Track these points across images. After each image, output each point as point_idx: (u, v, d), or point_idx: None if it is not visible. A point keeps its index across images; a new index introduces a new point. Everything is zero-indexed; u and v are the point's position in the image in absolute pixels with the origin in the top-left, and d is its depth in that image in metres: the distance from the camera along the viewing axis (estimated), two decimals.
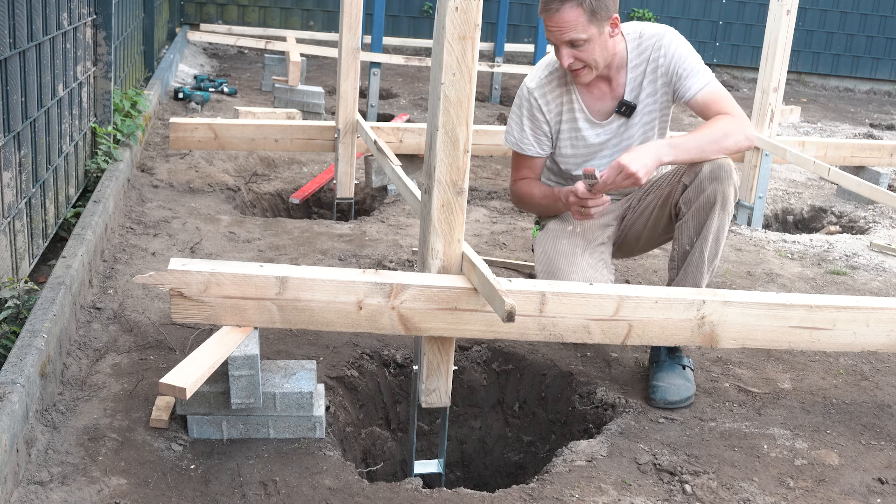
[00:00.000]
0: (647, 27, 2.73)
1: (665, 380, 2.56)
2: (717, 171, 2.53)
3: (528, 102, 2.78)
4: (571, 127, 2.79)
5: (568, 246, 2.71)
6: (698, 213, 2.56)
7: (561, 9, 2.51)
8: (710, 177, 2.53)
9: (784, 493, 2.19)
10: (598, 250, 2.76)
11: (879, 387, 2.78)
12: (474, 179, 4.87)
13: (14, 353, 2.09)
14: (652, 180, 2.81)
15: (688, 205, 2.58)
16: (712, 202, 2.53)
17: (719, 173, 2.53)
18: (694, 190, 2.56)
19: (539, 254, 2.79)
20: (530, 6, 9.44)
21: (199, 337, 2.64)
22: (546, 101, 2.77)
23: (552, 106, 2.77)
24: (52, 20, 2.96)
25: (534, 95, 2.77)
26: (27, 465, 1.97)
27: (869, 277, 3.78)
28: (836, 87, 10.26)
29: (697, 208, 2.56)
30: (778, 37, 4.28)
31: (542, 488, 2.14)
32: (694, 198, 2.56)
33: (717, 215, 2.55)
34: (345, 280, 2.12)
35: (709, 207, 2.54)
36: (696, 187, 2.56)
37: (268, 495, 2.00)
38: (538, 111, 2.77)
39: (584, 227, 2.77)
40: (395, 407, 2.76)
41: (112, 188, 3.44)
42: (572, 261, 2.66)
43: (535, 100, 2.77)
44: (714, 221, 2.55)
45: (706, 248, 2.58)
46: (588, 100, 2.77)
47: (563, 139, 2.81)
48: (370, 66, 6.27)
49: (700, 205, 2.55)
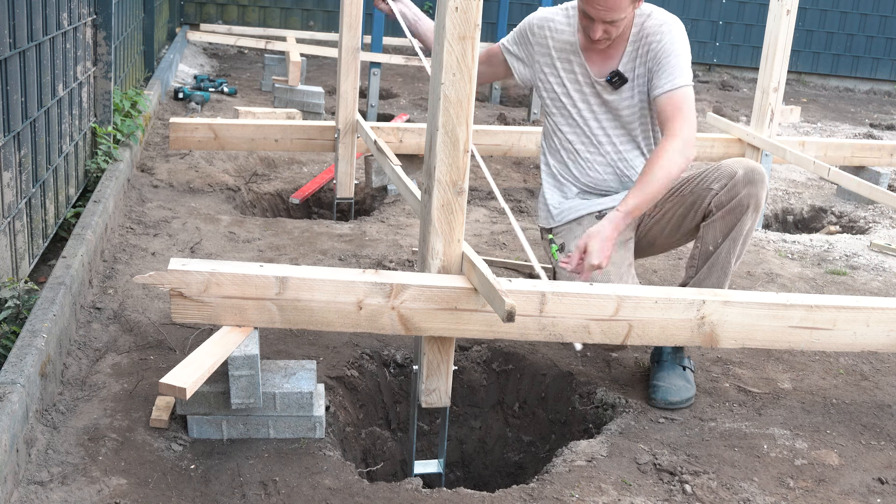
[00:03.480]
0: (657, 11, 2.74)
1: (666, 380, 2.56)
2: (752, 175, 2.53)
3: (529, 20, 2.88)
4: (570, 69, 2.82)
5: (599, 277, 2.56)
6: (729, 215, 2.56)
7: None
8: (745, 180, 2.53)
9: (784, 493, 2.19)
10: (629, 273, 2.65)
11: (879, 387, 2.78)
12: (474, 179, 4.87)
13: (14, 353, 2.09)
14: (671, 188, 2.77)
15: (719, 206, 2.57)
16: (745, 206, 2.53)
17: (753, 177, 2.53)
18: (727, 193, 2.55)
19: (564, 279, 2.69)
20: (530, 6, 9.44)
21: (199, 337, 2.64)
22: (543, 29, 2.83)
23: (550, 41, 2.82)
24: (52, 20, 2.96)
25: (535, 17, 2.87)
26: (27, 465, 1.97)
27: (869, 277, 3.78)
28: (836, 87, 10.26)
29: (728, 210, 2.55)
30: (778, 37, 4.28)
31: (542, 488, 2.14)
32: (726, 201, 2.55)
33: (749, 218, 2.55)
34: (345, 280, 2.12)
35: (741, 211, 2.54)
36: (729, 190, 2.55)
37: (268, 495, 2.00)
38: (529, 31, 2.86)
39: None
40: (395, 407, 2.76)
41: (112, 188, 3.44)
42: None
43: (533, 20, 2.86)
44: (746, 224, 2.55)
45: (734, 249, 2.58)
46: (587, 56, 2.80)
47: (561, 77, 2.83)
48: (370, 66, 6.27)
49: (731, 207, 2.55)
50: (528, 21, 2.89)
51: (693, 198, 2.65)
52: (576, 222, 2.82)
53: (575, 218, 2.83)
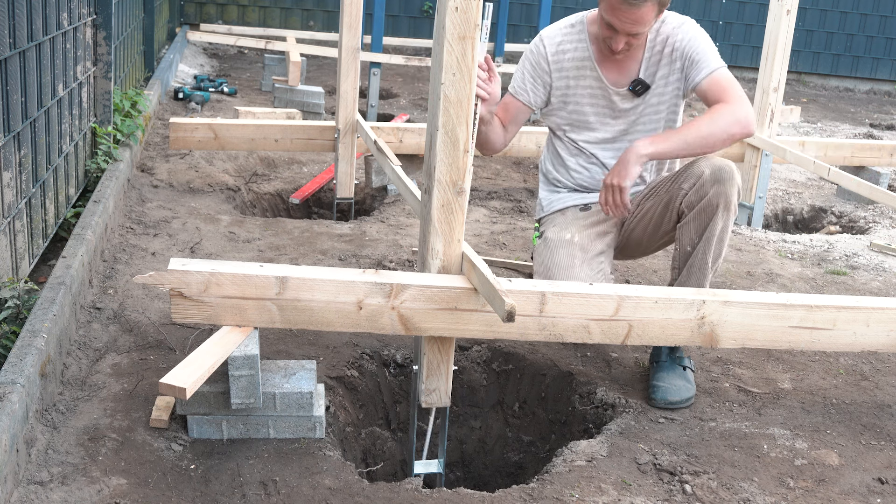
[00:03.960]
0: (670, 15, 2.76)
1: (666, 380, 2.56)
2: (719, 174, 2.52)
3: (538, 49, 2.82)
4: (587, 85, 2.81)
5: (566, 257, 2.69)
6: (700, 215, 2.55)
7: (642, 6, 2.51)
8: (713, 179, 2.52)
9: (784, 493, 2.19)
10: (597, 260, 2.73)
11: (879, 387, 2.78)
12: (474, 179, 4.87)
13: (14, 353, 2.09)
14: (652, 184, 2.81)
15: (690, 207, 2.57)
16: (715, 205, 2.52)
17: (721, 175, 2.52)
18: (695, 193, 2.55)
19: (537, 264, 2.78)
20: (530, 6, 9.44)
21: (199, 337, 2.64)
22: (557, 54, 2.80)
23: (565, 63, 2.80)
24: (52, 20, 2.96)
25: (544, 44, 2.81)
26: (27, 465, 1.97)
27: (869, 277, 3.78)
28: (836, 87, 10.26)
29: (699, 211, 2.55)
30: (778, 37, 4.28)
31: (542, 488, 2.14)
32: (696, 201, 2.55)
33: (720, 217, 2.54)
34: (345, 280, 2.12)
35: (711, 211, 2.53)
36: (697, 190, 2.55)
37: (268, 495, 2.00)
38: (544, 60, 2.80)
39: (582, 235, 2.76)
40: (395, 407, 2.76)
41: (112, 188, 3.44)
42: (570, 273, 2.65)
43: (543, 48, 2.80)
44: (718, 224, 2.54)
45: (709, 250, 2.57)
46: (603, 67, 2.79)
47: (577, 94, 2.82)
48: (370, 66, 6.28)
49: (702, 207, 2.54)
50: (537, 52, 2.83)
51: (668, 197, 2.67)
52: (560, 213, 2.91)
53: (560, 209, 2.92)
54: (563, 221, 2.83)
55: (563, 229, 2.79)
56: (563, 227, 2.81)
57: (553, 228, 2.83)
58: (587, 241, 2.75)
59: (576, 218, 2.83)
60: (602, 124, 2.85)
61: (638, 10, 2.51)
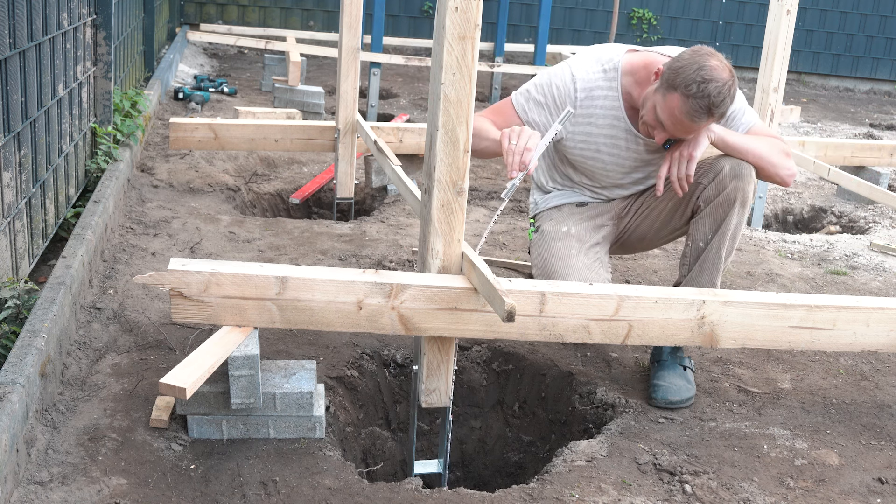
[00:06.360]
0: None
1: (666, 379, 2.56)
2: (739, 169, 2.54)
3: (566, 86, 2.66)
4: (611, 135, 2.70)
5: (563, 248, 2.71)
6: (716, 210, 2.57)
7: (703, 123, 2.45)
8: (732, 174, 2.54)
9: (784, 493, 2.19)
10: (594, 250, 2.75)
11: (879, 387, 2.78)
12: (474, 179, 4.87)
13: (14, 353, 2.09)
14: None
15: (707, 202, 2.59)
16: (732, 199, 2.54)
17: (740, 170, 2.54)
18: (714, 187, 2.57)
19: (535, 257, 2.79)
20: (530, 6, 9.44)
21: (199, 337, 2.64)
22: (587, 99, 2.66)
23: (595, 110, 2.67)
24: (52, 20, 2.96)
25: (576, 87, 2.65)
26: (27, 465, 1.97)
27: (869, 277, 3.78)
28: (836, 87, 10.26)
29: (716, 205, 2.57)
30: (778, 37, 4.28)
31: (542, 488, 2.14)
32: (714, 195, 2.57)
33: (736, 212, 2.56)
34: (345, 280, 2.12)
35: (728, 205, 2.55)
36: (716, 184, 2.56)
37: (268, 495, 2.00)
38: (570, 101, 2.65)
39: (578, 228, 2.77)
40: (395, 407, 2.76)
41: (112, 188, 3.44)
42: (567, 262, 2.66)
43: (574, 90, 2.65)
44: (733, 219, 2.56)
45: (723, 245, 2.58)
46: (634, 122, 2.68)
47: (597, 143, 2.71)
48: (370, 66, 6.27)
49: (719, 202, 2.56)
50: (565, 90, 2.66)
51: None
52: (556, 209, 2.90)
53: (556, 205, 2.91)
54: (560, 216, 2.84)
55: (560, 223, 2.80)
56: (559, 220, 2.82)
57: (549, 223, 2.84)
58: (584, 233, 2.76)
59: (572, 213, 2.84)
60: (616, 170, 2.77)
61: (699, 124, 2.46)
